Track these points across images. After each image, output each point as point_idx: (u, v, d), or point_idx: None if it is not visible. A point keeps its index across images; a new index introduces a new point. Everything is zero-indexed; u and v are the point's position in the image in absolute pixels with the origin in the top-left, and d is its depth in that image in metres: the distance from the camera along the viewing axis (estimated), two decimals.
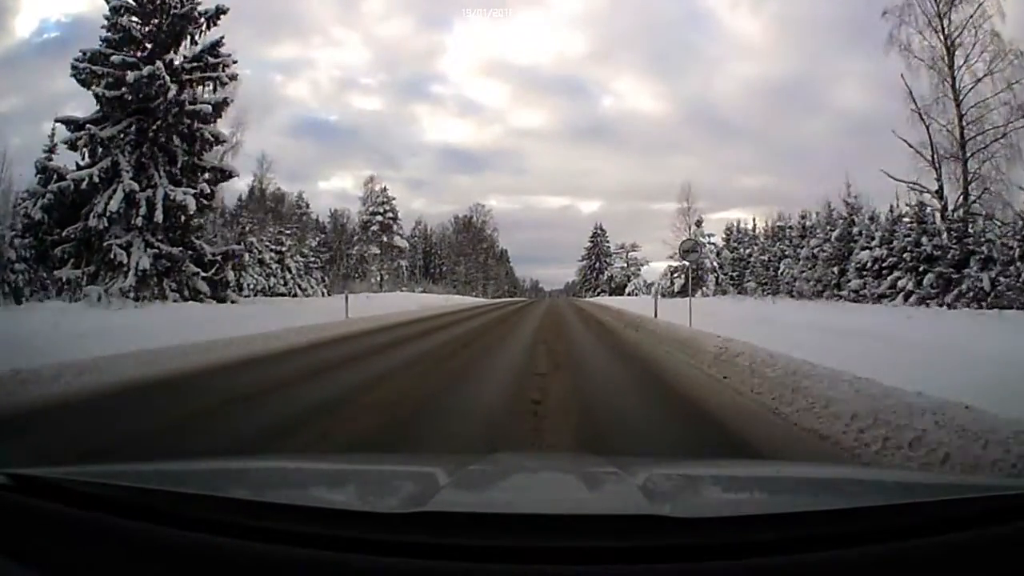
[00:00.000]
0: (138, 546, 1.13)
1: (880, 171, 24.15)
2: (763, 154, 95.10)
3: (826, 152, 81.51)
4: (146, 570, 1.10)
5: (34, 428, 4.75)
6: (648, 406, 6.00)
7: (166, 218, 21.35)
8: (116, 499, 1.25)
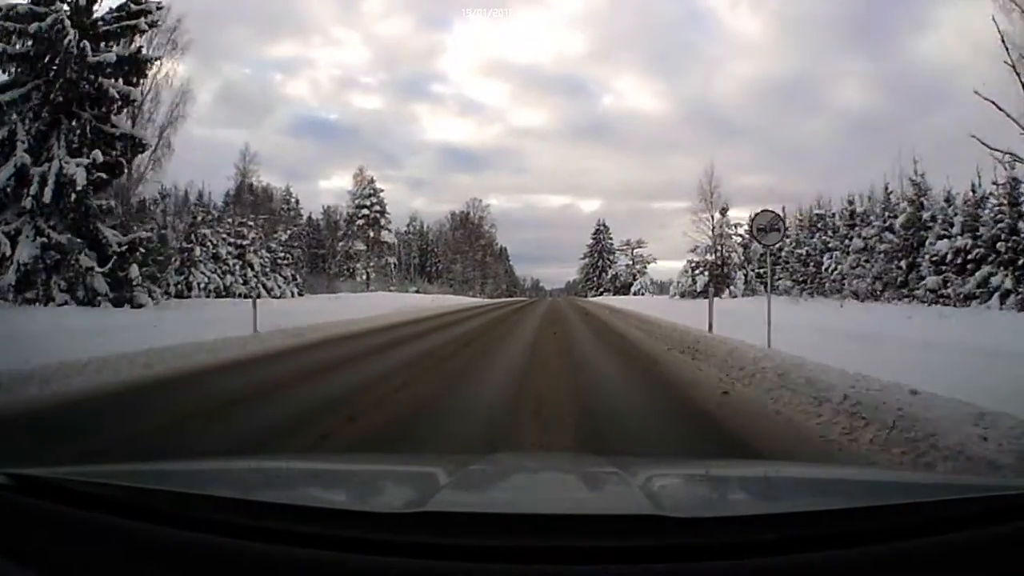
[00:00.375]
0: (138, 546, 1.13)
1: (971, 136, 16.25)
2: (763, 152, 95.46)
3: (826, 151, 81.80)
4: (146, 570, 1.09)
5: None
6: None
7: (57, 198, 17.22)
8: (116, 499, 1.25)
